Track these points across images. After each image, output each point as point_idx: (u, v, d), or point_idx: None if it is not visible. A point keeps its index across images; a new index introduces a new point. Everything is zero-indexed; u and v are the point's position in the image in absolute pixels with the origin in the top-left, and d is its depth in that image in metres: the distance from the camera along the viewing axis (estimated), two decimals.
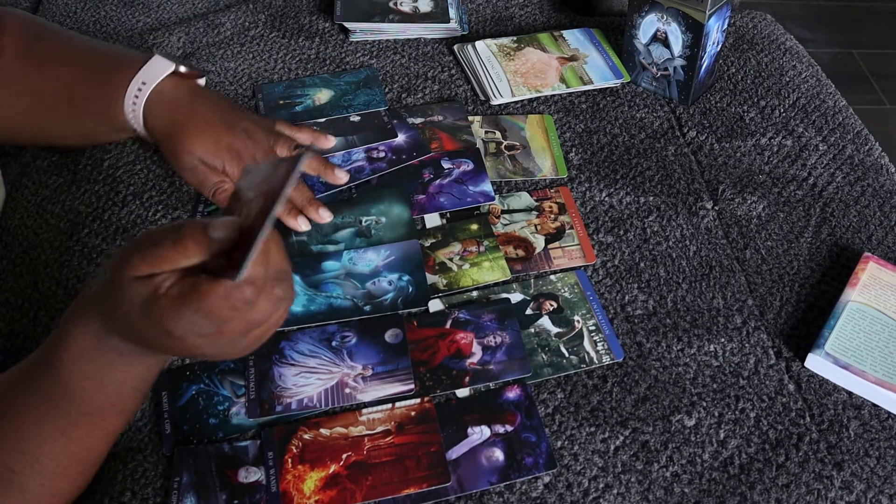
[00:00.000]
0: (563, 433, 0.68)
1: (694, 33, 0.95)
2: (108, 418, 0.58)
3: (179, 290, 0.49)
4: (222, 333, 0.50)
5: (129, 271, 0.49)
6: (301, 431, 0.66)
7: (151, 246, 0.49)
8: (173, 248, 0.49)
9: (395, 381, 0.69)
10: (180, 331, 0.49)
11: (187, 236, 0.49)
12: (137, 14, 1.10)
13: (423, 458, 0.64)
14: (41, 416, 0.56)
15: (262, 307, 0.50)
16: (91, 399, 0.56)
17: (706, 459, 0.67)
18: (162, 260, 0.49)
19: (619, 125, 0.97)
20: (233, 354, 0.53)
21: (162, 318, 0.49)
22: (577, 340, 0.74)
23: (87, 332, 0.54)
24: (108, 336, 0.53)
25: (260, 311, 0.50)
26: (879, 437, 0.69)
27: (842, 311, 0.75)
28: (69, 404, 0.56)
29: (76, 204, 0.84)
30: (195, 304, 0.48)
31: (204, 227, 0.49)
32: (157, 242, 0.49)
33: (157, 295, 0.49)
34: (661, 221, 0.86)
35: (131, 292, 0.49)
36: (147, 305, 0.49)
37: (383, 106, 0.95)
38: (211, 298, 0.48)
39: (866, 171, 0.93)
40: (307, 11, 1.11)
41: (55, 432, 0.56)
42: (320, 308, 0.75)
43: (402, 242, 0.81)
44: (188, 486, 0.62)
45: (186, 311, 0.48)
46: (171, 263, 0.49)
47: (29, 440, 0.56)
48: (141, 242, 0.50)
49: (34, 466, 0.57)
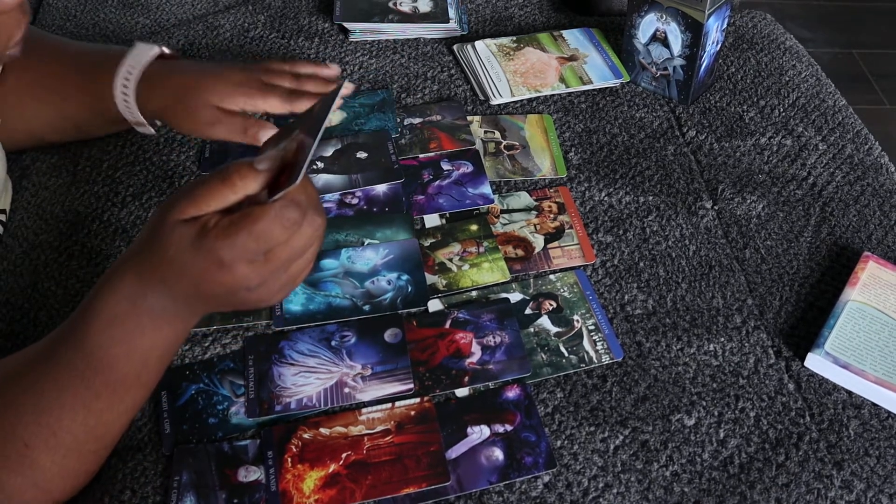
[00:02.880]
0: (563, 433, 0.68)
1: (693, 33, 0.95)
2: (130, 390, 0.58)
3: (229, 220, 0.52)
4: (269, 259, 0.53)
5: (177, 215, 0.52)
6: (301, 431, 0.66)
7: (197, 188, 0.53)
8: (221, 184, 0.52)
9: (395, 381, 0.69)
10: (231, 256, 0.52)
11: (233, 171, 0.52)
12: (136, 16, 1.11)
13: (422, 457, 0.64)
14: (63, 386, 0.57)
15: (305, 231, 0.53)
16: (117, 367, 0.56)
17: (706, 459, 0.67)
18: (210, 198, 0.52)
19: (619, 125, 0.97)
20: (271, 292, 0.55)
21: (215, 245, 0.51)
22: (576, 340, 0.74)
23: (120, 297, 0.55)
24: (144, 297, 0.55)
25: (304, 236, 0.53)
26: (879, 437, 0.69)
27: (841, 311, 0.75)
28: (94, 373, 0.56)
29: (76, 205, 0.84)
30: (248, 226, 0.51)
31: (248, 162, 0.53)
32: (204, 183, 0.53)
33: (207, 228, 0.52)
34: (660, 221, 0.86)
35: (180, 233, 0.52)
36: (197, 241, 0.52)
37: (394, 132, 0.92)
38: (263, 219, 0.51)
39: (866, 170, 0.93)
40: (306, 12, 1.12)
41: (76, 404, 0.57)
42: (319, 307, 0.75)
43: (400, 241, 0.81)
44: (188, 485, 0.62)
45: (240, 234, 0.51)
46: (219, 201, 0.52)
47: (48, 412, 0.57)
48: (185, 190, 0.53)
49: (49, 441, 0.57)
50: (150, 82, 0.79)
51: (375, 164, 0.88)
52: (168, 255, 0.53)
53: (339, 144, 0.91)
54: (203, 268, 0.52)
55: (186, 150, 0.90)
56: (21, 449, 0.57)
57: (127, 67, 0.79)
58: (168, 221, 0.52)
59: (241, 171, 0.52)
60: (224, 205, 0.52)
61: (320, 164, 0.88)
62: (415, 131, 0.93)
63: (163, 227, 0.53)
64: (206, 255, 0.52)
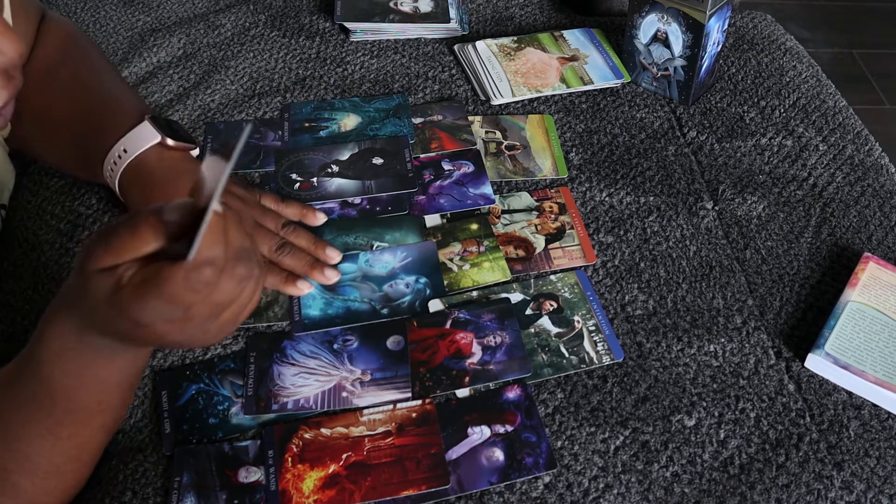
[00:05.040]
0: (564, 433, 0.68)
1: (694, 33, 0.95)
2: (94, 416, 0.57)
3: (141, 277, 0.48)
4: (190, 318, 0.49)
5: (93, 264, 0.49)
6: (302, 430, 0.66)
7: (111, 236, 0.49)
8: (130, 235, 0.48)
9: (393, 389, 0.69)
10: (147, 319, 0.49)
11: (142, 223, 0.48)
12: (137, 14, 1.10)
13: (422, 459, 0.64)
14: (27, 415, 0.56)
15: (224, 287, 0.49)
16: (75, 397, 0.55)
17: (706, 459, 0.67)
18: (122, 249, 0.48)
19: (620, 125, 0.97)
20: (205, 340, 0.52)
21: (127, 307, 0.48)
22: (577, 340, 0.74)
23: (64, 331, 0.53)
24: (86, 333, 0.53)
25: (224, 292, 0.49)
26: (879, 437, 0.69)
27: (842, 312, 0.75)
28: (53, 403, 0.55)
29: (76, 205, 0.84)
30: (157, 289, 0.47)
31: (158, 211, 0.48)
32: (116, 232, 0.49)
33: (120, 285, 0.48)
34: (661, 221, 0.86)
35: (96, 285, 0.49)
36: (112, 296, 0.48)
37: (410, 138, 0.92)
38: (171, 282, 0.47)
39: (866, 171, 0.93)
40: (307, 11, 1.12)
41: (42, 431, 0.56)
42: (338, 312, 0.74)
43: (418, 244, 0.81)
44: (188, 485, 0.62)
45: (150, 298, 0.47)
46: (130, 252, 0.48)
47: (18, 439, 0.56)
48: (102, 234, 0.50)
49: (25, 465, 0.56)
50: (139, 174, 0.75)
51: (390, 170, 0.88)
52: (91, 305, 0.50)
53: (355, 149, 0.90)
54: (122, 325, 0.50)
55: None
56: (1, 473, 0.56)
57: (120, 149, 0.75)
58: (86, 270, 0.49)
59: (150, 224, 0.48)
60: (137, 255, 0.49)
61: (335, 168, 0.88)
62: (416, 131, 0.93)
63: (83, 275, 0.50)
64: (121, 314, 0.49)
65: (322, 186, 0.86)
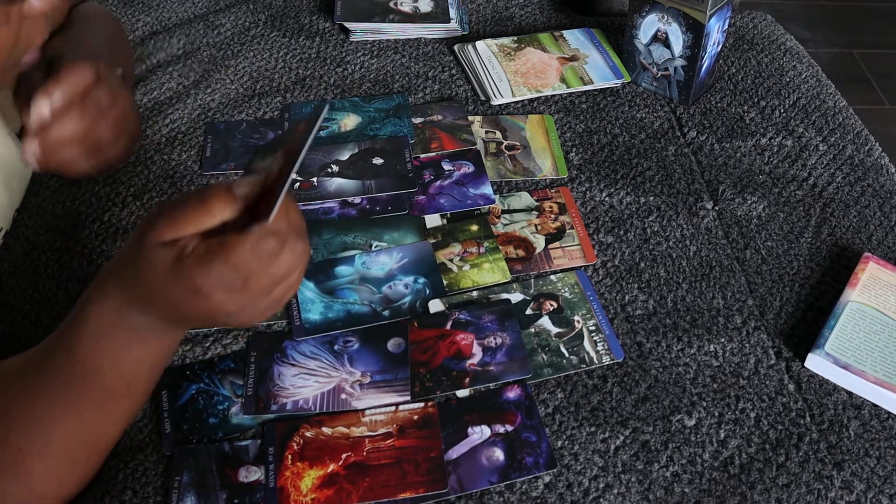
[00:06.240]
0: (564, 433, 0.68)
1: (694, 33, 0.95)
2: (120, 400, 0.58)
3: (206, 247, 0.50)
4: (248, 288, 0.51)
5: (155, 238, 0.51)
6: (303, 429, 0.66)
7: (176, 210, 0.51)
8: (199, 208, 0.51)
9: (392, 392, 0.69)
10: (208, 285, 0.50)
11: (212, 196, 0.51)
12: (137, 13, 1.10)
13: (422, 462, 0.64)
14: (55, 394, 0.56)
15: (285, 259, 0.51)
16: (106, 378, 0.56)
17: (706, 459, 0.67)
18: (188, 222, 0.51)
19: (620, 125, 0.97)
20: (253, 316, 0.54)
21: (191, 273, 0.50)
22: (577, 340, 0.74)
23: (106, 309, 0.55)
24: (129, 310, 0.54)
25: (283, 264, 0.51)
26: (879, 437, 0.69)
27: (842, 311, 0.75)
28: (83, 384, 0.56)
29: (76, 205, 0.84)
30: (223, 256, 0.50)
31: (227, 186, 0.51)
32: (182, 206, 0.51)
33: (183, 255, 0.50)
34: (661, 221, 0.86)
35: (157, 257, 0.51)
36: (174, 266, 0.50)
37: (410, 138, 0.92)
38: (239, 250, 0.50)
39: (866, 171, 0.93)
40: (307, 11, 1.12)
41: (67, 413, 0.57)
42: (339, 315, 0.74)
43: (413, 244, 0.81)
44: (188, 485, 0.62)
45: (215, 264, 0.50)
46: (196, 225, 0.51)
47: (40, 420, 0.57)
48: (164, 209, 0.52)
49: (42, 449, 0.57)
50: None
51: (390, 170, 0.88)
52: (146, 277, 0.52)
53: (355, 149, 0.90)
54: (180, 294, 0.51)
55: (188, 149, 0.90)
56: (15, 455, 0.57)
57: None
58: (146, 243, 0.51)
59: (220, 196, 0.51)
60: (202, 229, 0.51)
61: (335, 167, 0.88)
62: (416, 131, 0.93)
63: (141, 248, 0.51)
64: (182, 283, 0.50)
65: (322, 186, 0.86)
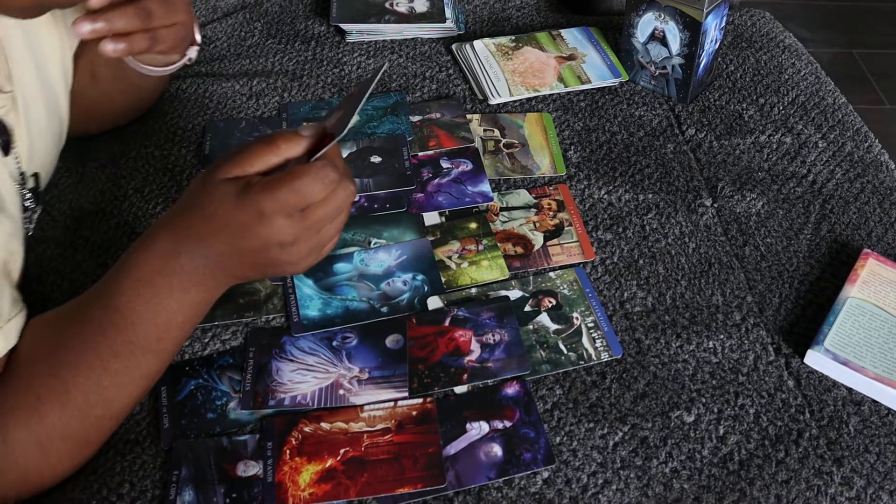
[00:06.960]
0: (562, 429, 0.68)
1: (692, 31, 0.95)
2: (147, 354, 0.60)
3: (271, 178, 0.55)
4: (306, 216, 0.56)
5: (221, 174, 0.56)
6: (302, 424, 0.66)
7: (243, 151, 0.57)
8: (265, 148, 0.57)
9: (390, 388, 0.69)
10: (272, 208, 0.55)
11: (278, 136, 0.57)
12: None
13: (420, 458, 0.64)
14: (85, 342, 0.58)
15: (339, 194, 0.57)
16: (140, 327, 0.58)
17: (705, 455, 0.67)
18: (255, 159, 0.56)
19: (618, 123, 0.97)
20: (301, 255, 0.59)
21: (257, 198, 0.55)
22: (575, 337, 0.74)
23: (152, 256, 0.58)
24: (177, 256, 0.57)
25: (338, 198, 0.57)
26: (879, 434, 0.69)
27: (841, 308, 0.75)
28: (116, 332, 0.58)
29: (80, 200, 0.84)
30: (290, 181, 0.55)
31: (293, 129, 0.58)
32: (249, 147, 0.57)
33: (250, 185, 0.55)
34: (660, 219, 0.86)
35: (224, 189, 0.56)
36: (241, 194, 0.55)
37: (409, 136, 0.92)
38: (305, 176, 0.55)
39: (866, 167, 0.93)
40: (303, 16, 1.12)
41: (95, 361, 0.58)
42: (337, 312, 0.74)
43: (412, 241, 0.81)
44: (187, 479, 0.62)
45: (282, 188, 0.55)
46: (262, 162, 0.57)
47: (66, 367, 0.58)
48: (229, 154, 0.57)
49: (61, 398, 0.58)
50: None
51: (388, 168, 0.88)
52: (208, 210, 0.56)
53: (353, 147, 0.90)
54: (242, 220, 0.55)
55: (187, 144, 0.91)
56: (32, 401, 0.58)
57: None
58: (212, 180, 0.56)
59: (286, 136, 0.57)
60: (266, 167, 0.57)
61: None
62: (414, 129, 0.93)
63: (205, 186, 0.56)
64: (247, 208, 0.55)
65: None
